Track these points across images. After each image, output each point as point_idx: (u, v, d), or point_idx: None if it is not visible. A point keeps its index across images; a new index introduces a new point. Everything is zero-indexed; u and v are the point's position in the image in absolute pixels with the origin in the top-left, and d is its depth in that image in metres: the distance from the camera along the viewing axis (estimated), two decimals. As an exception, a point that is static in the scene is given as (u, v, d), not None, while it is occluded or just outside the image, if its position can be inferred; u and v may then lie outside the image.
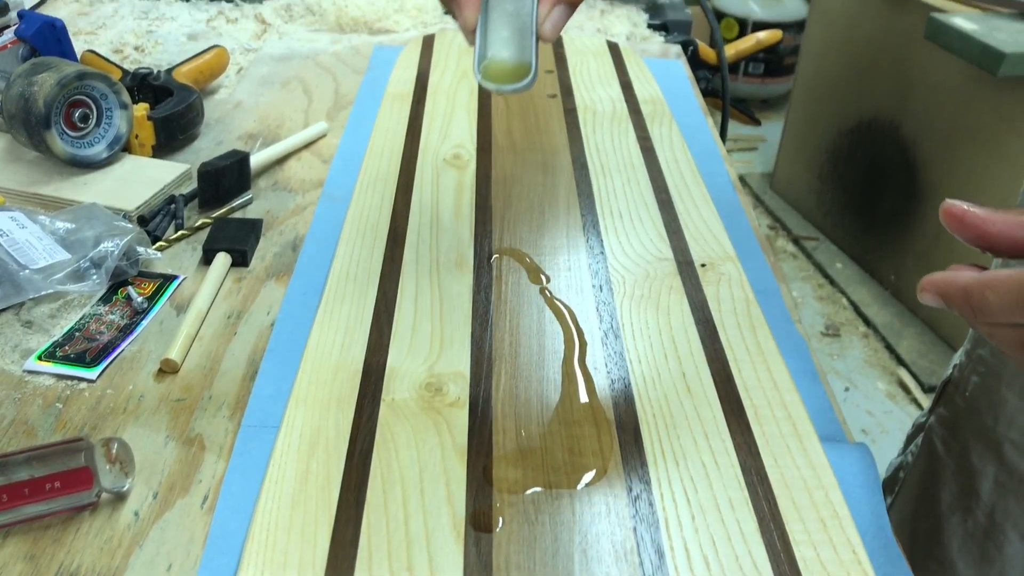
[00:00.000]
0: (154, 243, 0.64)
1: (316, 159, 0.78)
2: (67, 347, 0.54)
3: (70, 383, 0.52)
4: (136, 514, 0.44)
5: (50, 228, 0.61)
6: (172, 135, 0.77)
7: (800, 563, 0.40)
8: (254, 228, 0.65)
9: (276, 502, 0.43)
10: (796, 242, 2.27)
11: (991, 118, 1.63)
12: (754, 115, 1.37)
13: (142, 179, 0.71)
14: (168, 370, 0.53)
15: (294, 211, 0.70)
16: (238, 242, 0.63)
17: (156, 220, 0.67)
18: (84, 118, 0.70)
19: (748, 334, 0.54)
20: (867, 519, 0.44)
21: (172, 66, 0.85)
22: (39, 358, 0.53)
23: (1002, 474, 0.58)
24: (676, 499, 0.43)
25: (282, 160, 0.77)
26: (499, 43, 0.51)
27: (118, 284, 0.60)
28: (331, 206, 0.69)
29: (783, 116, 2.43)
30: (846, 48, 2.05)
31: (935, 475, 0.65)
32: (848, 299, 2.05)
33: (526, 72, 0.49)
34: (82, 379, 0.52)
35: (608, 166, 0.73)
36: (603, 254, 0.62)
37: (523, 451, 0.46)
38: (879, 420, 1.73)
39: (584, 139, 0.78)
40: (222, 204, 0.69)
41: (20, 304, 0.58)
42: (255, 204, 0.71)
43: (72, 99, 0.69)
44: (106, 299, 0.59)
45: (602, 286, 0.58)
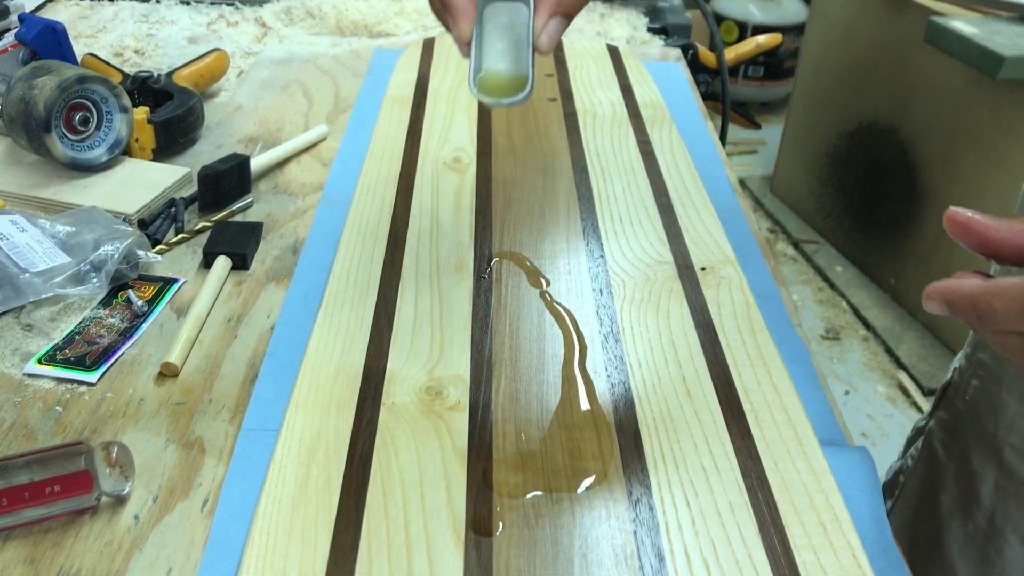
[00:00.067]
0: (154, 246, 0.64)
1: (316, 162, 0.78)
2: (67, 350, 0.54)
3: (70, 386, 0.52)
4: (136, 518, 0.44)
5: (50, 231, 0.62)
6: (172, 138, 0.77)
7: (800, 567, 0.40)
8: (254, 231, 0.65)
9: (276, 506, 0.43)
10: (796, 245, 2.27)
11: (991, 121, 1.63)
12: (754, 118, 1.37)
13: (142, 182, 0.71)
14: (168, 373, 0.53)
15: (294, 214, 0.70)
16: (238, 245, 0.63)
17: (156, 223, 0.67)
18: (84, 121, 0.70)
19: (748, 338, 0.54)
20: (867, 523, 0.44)
21: (172, 69, 0.86)
22: (39, 361, 0.53)
23: (1002, 478, 0.58)
24: (676, 503, 0.43)
25: (282, 163, 0.77)
26: (495, 56, 0.50)
27: (118, 287, 0.60)
28: (331, 209, 0.69)
29: (783, 119, 2.43)
30: (846, 51, 2.05)
31: (935, 479, 0.65)
32: (848, 302, 2.05)
33: (522, 85, 0.48)
34: (82, 382, 0.52)
35: (608, 170, 0.73)
36: (603, 258, 0.62)
37: (523, 455, 0.46)
38: (879, 424, 1.73)
39: (584, 143, 0.78)
40: (222, 207, 0.69)
41: (20, 307, 0.58)
42: (255, 207, 0.71)
43: (72, 102, 0.69)
44: (106, 302, 0.59)
45: (602, 290, 0.58)
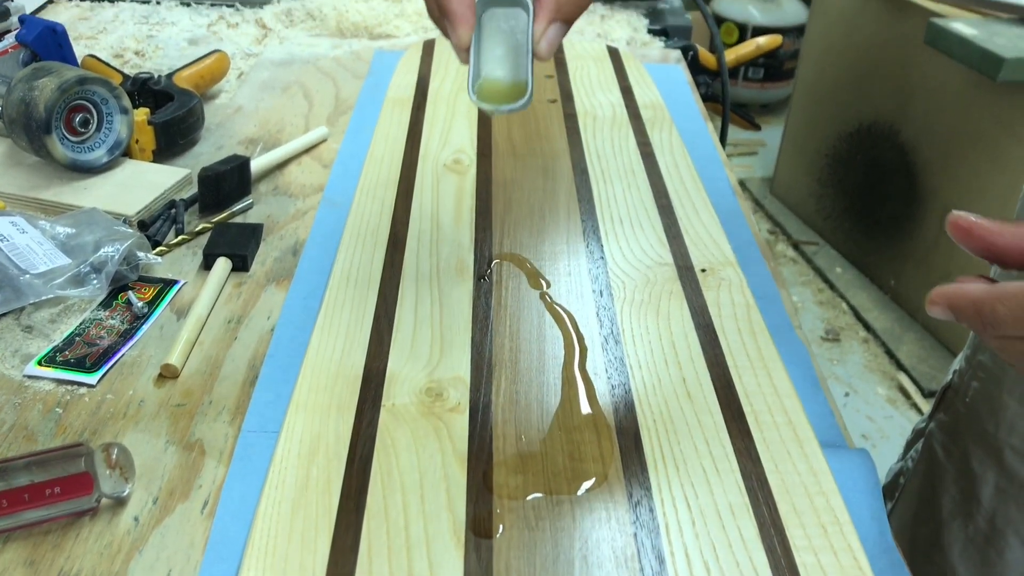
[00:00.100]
0: (154, 248, 0.64)
1: (316, 164, 0.78)
2: (67, 352, 0.54)
3: (70, 388, 0.52)
4: (136, 519, 0.44)
5: (50, 233, 0.62)
6: (172, 140, 0.77)
7: (801, 569, 0.40)
8: (254, 233, 0.65)
9: (276, 507, 0.43)
10: (796, 247, 2.27)
11: (991, 123, 1.63)
12: (754, 120, 1.37)
13: (142, 184, 0.71)
14: (168, 375, 0.53)
15: (294, 216, 0.70)
16: (238, 247, 0.63)
17: (156, 225, 0.67)
18: (85, 123, 0.70)
19: (748, 339, 0.54)
20: (867, 525, 0.44)
21: (173, 71, 0.86)
22: (39, 363, 0.53)
23: (1003, 480, 0.58)
24: (676, 505, 0.43)
25: (282, 165, 0.77)
26: (493, 62, 0.49)
27: (118, 289, 0.60)
28: (331, 211, 0.69)
29: (783, 121, 2.43)
30: (846, 53, 2.05)
31: (936, 481, 0.65)
32: (848, 304, 2.05)
33: (522, 92, 0.48)
34: (82, 384, 0.52)
35: (608, 171, 0.73)
36: (603, 259, 0.62)
37: (523, 456, 0.46)
38: (879, 425, 1.73)
39: (584, 144, 0.78)
40: (222, 209, 0.69)
41: (20, 309, 0.58)
42: (255, 209, 0.71)
43: (73, 104, 0.69)
44: (106, 304, 0.59)
45: (602, 291, 0.58)
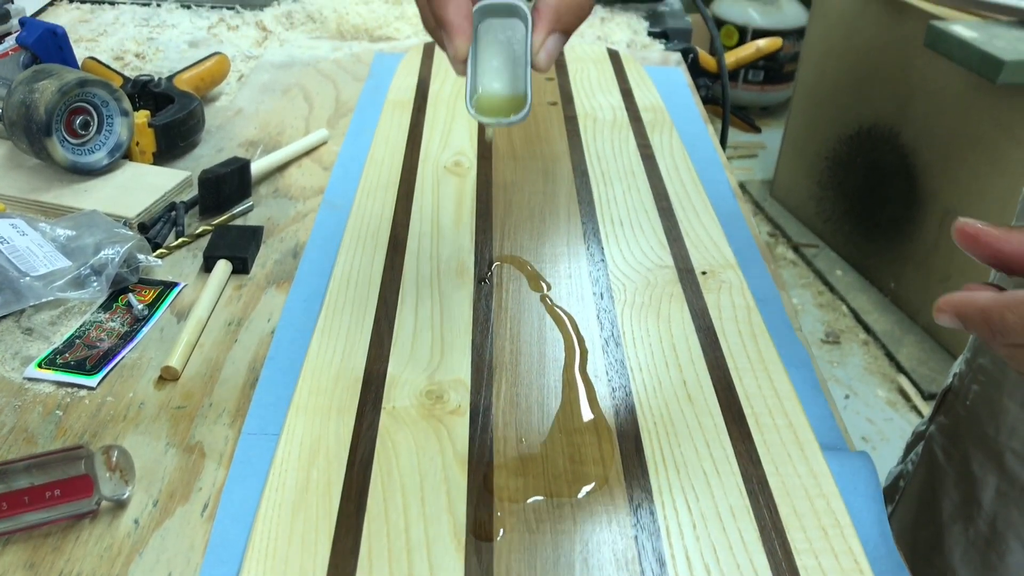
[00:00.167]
0: (155, 250, 0.64)
1: (317, 166, 0.78)
2: (67, 354, 0.54)
3: (70, 390, 0.52)
4: (136, 522, 0.44)
5: (51, 235, 0.62)
6: (173, 142, 0.77)
7: (802, 571, 0.40)
8: (255, 235, 0.65)
9: (276, 510, 0.43)
10: (796, 249, 2.27)
11: (990, 125, 1.63)
12: (754, 122, 1.37)
13: (143, 186, 0.71)
14: (168, 377, 0.53)
15: (295, 218, 0.70)
16: (239, 249, 0.63)
17: (157, 227, 0.67)
18: (85, 125, 0.70)
19: (749, 342, 0.54)
20: (868, 528, 0.44)
21: (173, 73, 0.86)
22: (39, 365, 0.53)
23: (1004, 483, 0.58)
24: (677, 508, 0.43)
25: (283, 167, 0.77)
26: (491, 74, 0.49)
27: (118, 291, 0.60)
28: (332, 213, 0.69)
29: (783, 123, 2.44)
30: (846, 55, 2.06)
31: (936, 484, 0.65)
32: (848, 306, 2.05)
33: (521, 104, 0.47)
34: (82, 386, 0.52)
35: (609, 173, 0.73)
36: (604, 261, 0.62)
37: (524, 459, 0.46)
38: (879, 428, 1.73)
39: (584, 146, 0.78)
40: (223, 211, 0.69)
41: (20, 311, 0.58)
42: (256, 211, 0.71)
43: (73, 106, 0.69)
44: (106, 306, 0.59)
45: (603, 294, 0.58)
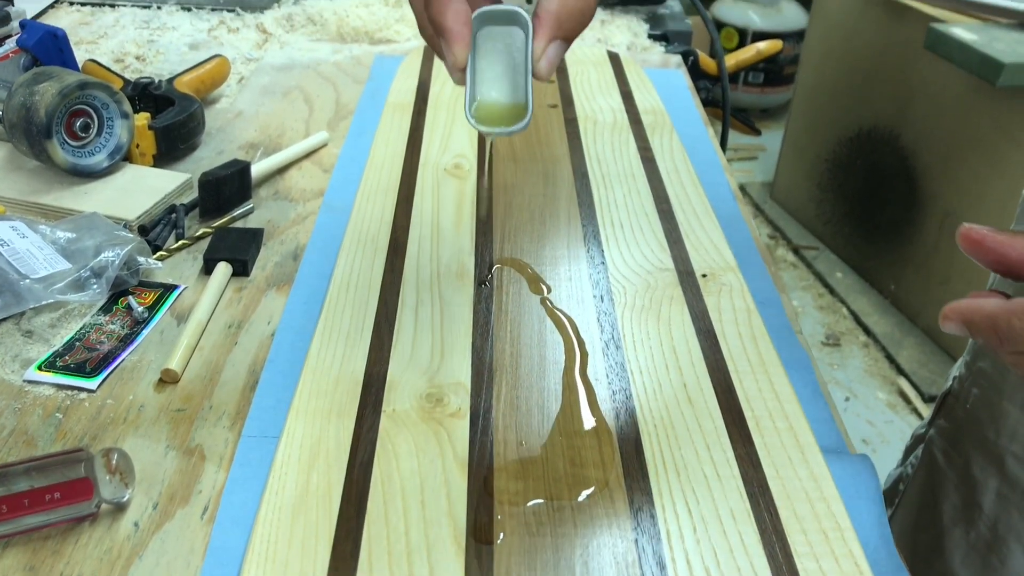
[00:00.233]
0: (155, 253, 0.64)
1: (317, 169, 0.78)
2: (67, 357, 0.54)
3: (70, 393, 0.52)
4: (136, 525, 0.44)
5: (51, 238, 0.62)
6: (173, 144, 0.77)
7: (802, 574, 0.40)
8: (255, 238, 0.65)
9: (276, 513, 0.42)
10: (796, 251, 2.27)
11: (990, 128, 1.63)
12: (754, 125, 1.37)
13: (143, 188, 0.71)
14: (168, 380, 0.53)
15: (295, 221, 0.70)
16: (239, 252, 0.63)
17: (157, 230, 0.67)
18: (85, 127, 0.70)
19: (749, 344, 0.54)
20: (869, 531, 0.44)
21: (173, 75, 0.86)
22: (39, 368, 0.53)
23: (1004, 487, 0.58)
24: (678, 511, 0.43)
25: (283, 170, 0.77)
26: (491, 83, 0.48)
27: (118, 294, 0.60)
28: (332, 216, 0.69)
29: (783, 125, 2.44)
30: (846, 58, 2.06)
31: (936, 487, 0.65)
32: (848, 308, 2.05)
33: (521, 114, 0.46)
34: (82, 389, 0.52)
35: (609, 176, 0.73)
36: (604, 264, 0.62)
37: (524, 462, 0.45)
38: (879, 430, 1.73)
39: (585, 149, 0.78)
40: (223, 214, 0.69)
41: (20, 314, 0.58)
42: (256, 214, 0.71)
43: (73, 109, 0.69)
44: (106, 309, 0.59)
45: (603, 296, 0.58)
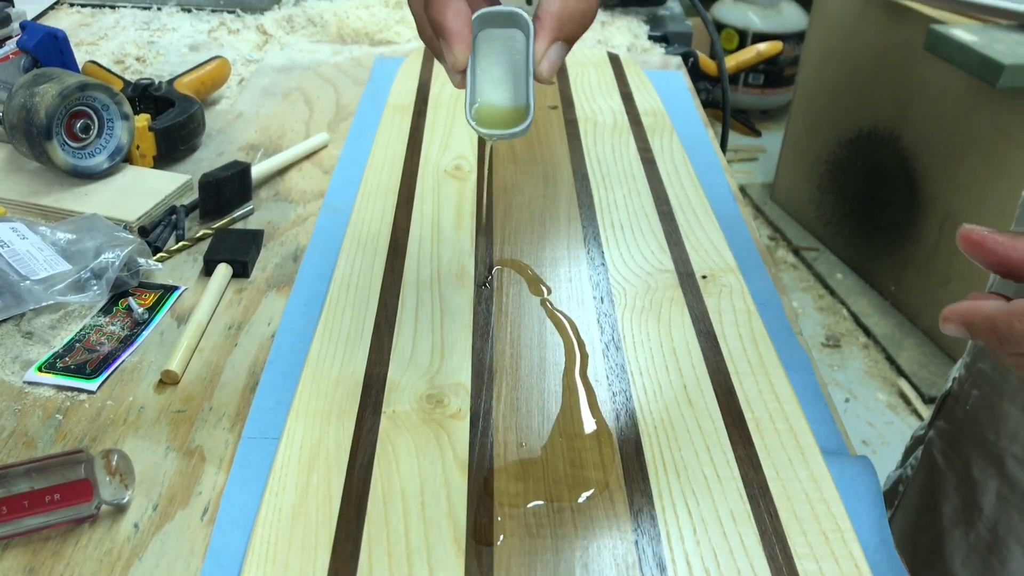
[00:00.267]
0: (155, 254, 0.64)
1: (317, 170, 0.78)
2: (67, 358, 0.54)
3: (70, 394, 0.52)
4: (136, 526, 0.44)
5: (51, 239, 0.62)
6: (173, 146, 0.77)
7: (802, 577, 0.40)
8: (255, 239, 0.65)
9: (276, 514, 0.42)
10: (796, 252, 2.27)
11: (990, 129, 1.63)
12: (754, 126, 1.37)
13: (143, 190, 0.71)
14: (168, 381, 0.53)
15: (295, 222, 0.70)
16: (239, 253, 0.63)
17: (157, 231, 0.67)
18: (85, 129, 0.70)
19: (749, 346, 0.54)
20: (869, 532, 0.44)
21: (173, 77, 0.86)
22: (39, 369, 0.53)
23: (1004, 488, 0.58)
24: (678, 512, 0.43)
25: (283, 171, 0.77)
26: (491, 85, 0.47)
27: (119, 295, 0.60)
28: (332, 217, 0.69)
29: (783, 127, 2.44)
30: (846, 59, 2.06)
31: (936, 488, 0.65)
32: (848, 310, 2.05)
33: (522, 116, 0.46)
34: (82, 390, 0.52)
35: (609, 177, 0.73)
36: (604, 265, 0.62)
37: (524, 464, 0.45)
38: (879, 431, 1.73)
39: (585, 150, 0.78)
40: (223, 215, 0.69)
41: (20, 315, 0.58)
42: (256, 215, 0.71)
43: (73, 110, 0.69)
44: (107, 310, 0.59)
45: (603, 298, 0.58)
